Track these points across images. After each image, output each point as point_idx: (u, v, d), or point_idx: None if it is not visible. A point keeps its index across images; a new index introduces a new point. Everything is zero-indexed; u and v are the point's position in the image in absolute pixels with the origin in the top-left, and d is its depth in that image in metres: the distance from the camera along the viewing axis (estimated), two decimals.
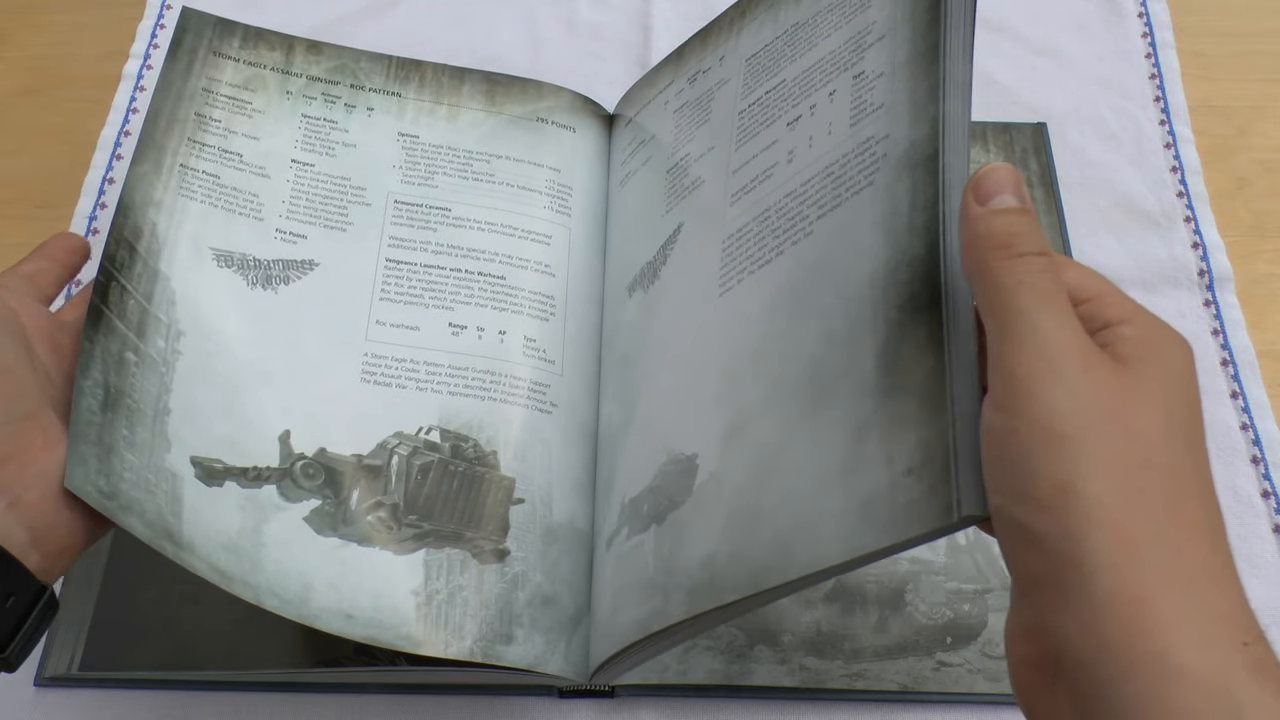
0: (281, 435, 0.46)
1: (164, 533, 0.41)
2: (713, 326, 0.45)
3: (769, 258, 0.44)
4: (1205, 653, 0.27)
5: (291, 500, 0.45)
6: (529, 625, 0.45)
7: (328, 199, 0.53)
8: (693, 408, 0.45)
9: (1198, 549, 0.29)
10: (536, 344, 0.51)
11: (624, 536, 0.46)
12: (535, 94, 0.58)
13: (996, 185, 0.34)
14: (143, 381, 0.44)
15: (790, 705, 0.50)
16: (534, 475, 0.48)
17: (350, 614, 0.43)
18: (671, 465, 0.44)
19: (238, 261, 0.49)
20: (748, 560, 0.38)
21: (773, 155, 0.46)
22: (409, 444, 0.48)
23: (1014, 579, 0.31)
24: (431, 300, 0.51)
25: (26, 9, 0.73)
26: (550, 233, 0.54)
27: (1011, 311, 0.31)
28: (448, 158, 0.55)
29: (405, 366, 0.50)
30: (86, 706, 0.49)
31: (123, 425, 0.42)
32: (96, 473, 0.40)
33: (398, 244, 0.52)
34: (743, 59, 0.51)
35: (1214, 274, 0.61)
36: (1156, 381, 0.31)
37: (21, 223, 0.64)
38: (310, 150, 0.53)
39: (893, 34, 0.41)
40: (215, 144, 0.51)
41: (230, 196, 0.51)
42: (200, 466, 0.44)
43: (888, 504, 0.34)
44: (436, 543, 0.46)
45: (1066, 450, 0.29)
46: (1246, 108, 0.69)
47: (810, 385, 0.39)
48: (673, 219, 0.51)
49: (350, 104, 0.55)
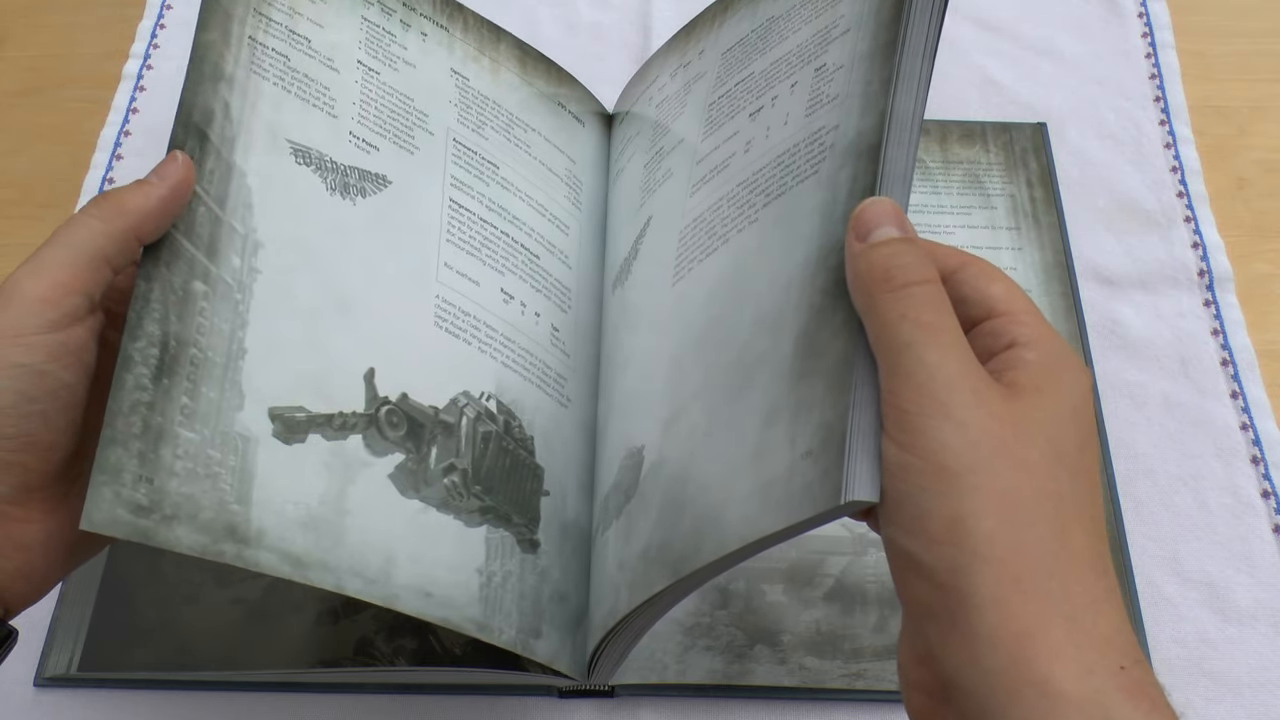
0: (367, 374, 0.42)
1: (224, 530, 0.36)
2: (665, 317, 0.46)
3: (716, 246, 0.44)
4: (1085, 679, 0.28)
5: (377, 454, 0.41)
6: (549, 621, 0.44)
7: (395, 114, 0.48)
8: (645, 400, 0.45)
9: (1082, 578, 0.29)
10: (560, 334, 0.50)
11: (600, 533, 0.46)
12: (557, 78, 0.58)
13: (875, 218, 0.34)
14: (214, 318, 0.39)
15: (790, 705, 0.50)
16: (556, 469, 0.47)
17: (429, 591, 0.40)
18: (628, 459, 0.45)
19: (316, 160, 0.44)
20: (672, 549, 0.39)
21: (732, 146, 0.46)
22: (475, 407, 0.44)
23: (905, 607, 0.32)
24: (488, 258, 0.48)
25: (26, 9, 0.73)
26: (569, 222, 0.54)
27: (896, 347, 0.31)
28: (494, 112, 0.53)
29: (470, 321, 0.46)
30: (86, 706, 0.49)
31: (183, 392, 0.37)
32: (133, 485, 0.35)
33: (459, 186, 0.49)
34: (720, 52, 0.51)
35: (1214, 274, 0.61)
36: (1047, 411, 0.31)
37: (23, 223, 0.64)
38: (374, 56, 0.49)
39: (857, 28, 0.41)
40: (282, 21, 0.46)
41: (304, 84, 0.46)
42: (280, 420, 0.39)
43: (785, 487, 0.34)
44: (495, 521, 0.43)
45: (956, 485, 0.29)
46: (1246, 108, 0.69)
47: (737, 369, 0.39)
48: (645, 212, 0.51)
49: (405, 22, 0.51)
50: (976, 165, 0.64)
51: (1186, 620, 0.52)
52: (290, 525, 0.38)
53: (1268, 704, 0.50)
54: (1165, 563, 0.53)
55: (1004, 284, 0.34)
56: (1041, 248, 0.61)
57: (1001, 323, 0.33)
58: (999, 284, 0.34)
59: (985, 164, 0.64)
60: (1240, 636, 0.52)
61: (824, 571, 0.51)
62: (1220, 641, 0.51)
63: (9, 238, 0.63)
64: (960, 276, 0.34)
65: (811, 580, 0.51)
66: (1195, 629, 0.52)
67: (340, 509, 0.39)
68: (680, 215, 0.48)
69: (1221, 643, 0.51)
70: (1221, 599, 0.52)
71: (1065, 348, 0.33)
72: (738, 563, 0.36)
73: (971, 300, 0.34)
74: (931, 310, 0.32)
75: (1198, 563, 0.53)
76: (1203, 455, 0.56)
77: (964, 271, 0.34)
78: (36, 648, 0.50)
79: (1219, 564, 0.53)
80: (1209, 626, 0.52)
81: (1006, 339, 0.33)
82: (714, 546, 0.36)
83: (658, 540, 0.40)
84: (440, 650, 0.46)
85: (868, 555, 0.52)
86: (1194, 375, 0.59)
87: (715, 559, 0.36)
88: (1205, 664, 0.51)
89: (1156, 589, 0.53)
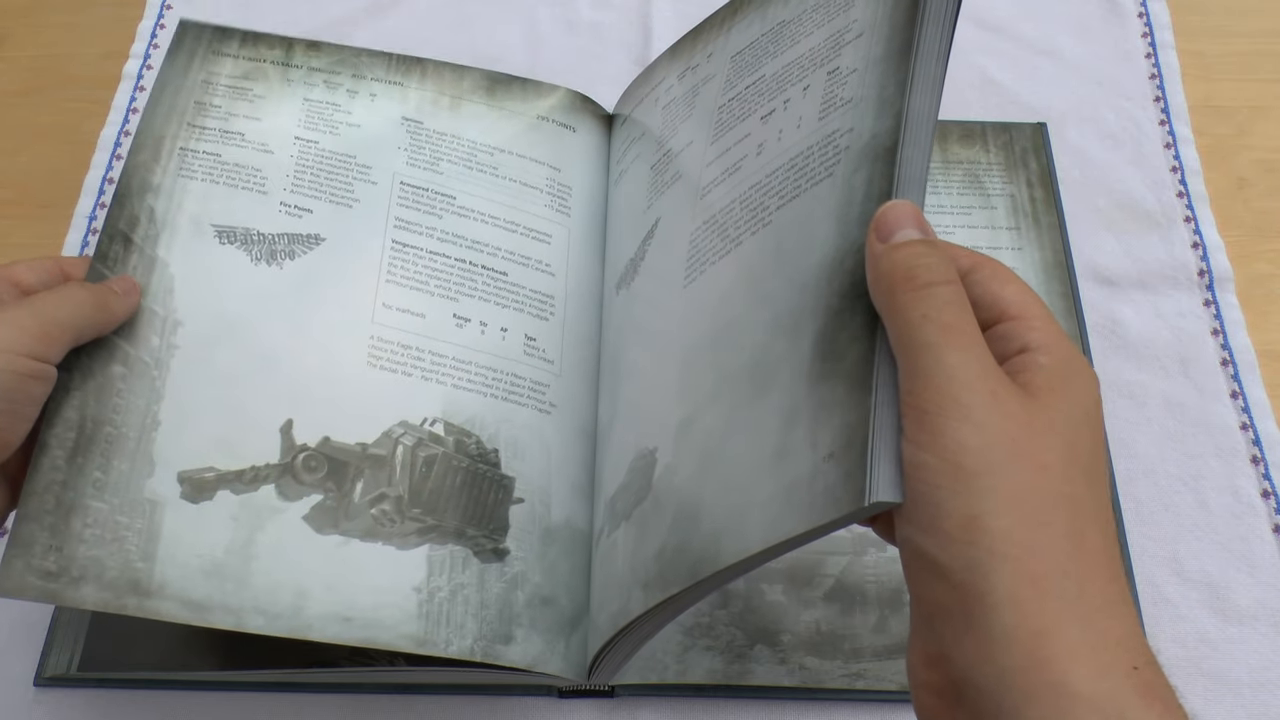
0: (284, 426, 0.45)
1: (128, 586, 0.40)
2: (677, 319, 0.46)
3: (729, 248, 0.44)
4: (1100, 680, 0.28)
5: (290, 499, 0.44)
6: (528, 625, 0.45)
7: (333, 174, 0.52)
8: (658, 401, 0.45)
9: (1096, 579, 0.30)
10: (536, 343, 0.51)
11: (605, 534, 0.46)
12: (535, 93, 0.58)
13: (897, 220, 0.34)
14: (130, 397, 0.43)
15: (790, 705, 0.50)
16: (533, 475, 0.48)
17: (348, 616, 0.42)
18: (639, 461, 0.45)
19: (241, 236, 0.48)
20: (689, 551, 0.39)
21: (744, 148, 0.46)
22: (414, 434, 0.47)
23: (917, 606, 0.32)
24: (437, 289, 0.50)
25: (26, 9, 0.73)
26: (550, 231, 0.54)
27: (917, 347, 0.31)
28: (452, 145, 0.55)
29: (411, 354, 0.48)
30: (86, 706, 0.49)
31: (95, 467, 0.42)
32: (43, 555, 0.40)
33: (404, 226, 0.51)
34: (729, 55, 0.51)
35: (1214, 274, 0.61)
36: (1062, 414, 0.31)
37: (23, 223, 0.64)
38: (313, 129, 0.53)
39: (871, 31, 0.41)
40: (216, 126, 0.51)
41: (232, 173, 0.50)
42: (188, 482, 0.43)
43: (808, 489, 0.34)
44: (439, 539, 0.45)
45: (974, 485, 0.30)
46: (1246, 108, 0.69)
47: (754, 373, 0.39)
48: (652, 214, 0.51)
49: (353, 90, 0.55)
50: (976, 165, 0.64)
51: (1186, 620, 0.52)
52: (193, 575, 0.41)
53: (1268, 704, 0.50)
54: (1165, 563, 0.53)
55: (1016, 286, 0.34)
56: (1041, 248, 0.61)
57: (1014, 326, 0.33)
58: (1011, 286, 0.34)
59: (985, 164, 0.64)
60: (1240, 636, 0.52)
61: (824, 571, 0.51)
62: (1220, 641, 0.51)
63: (9, 238, 0.63)
64: (973, 278, 0.34)
65: (811, 580, 0.51)
66: (1195, 629, 0.52)
67: (247, 555, 0.42)
68: (690, 217, 0.48)
69: (1221, 643, 0.51)
70: (1221, 599, 0.52)
71: (1076, 353, 0.33)
72: (759, 565, 0.36)
73: (983, 303, 0.34)
74: (953, 311, 0.32)
75: (1198, 563, 0.53)
76: (1203, 455, 0.56)
77: (977, 273, 0.34)
78: (36, 648, 0.50)
79: (1219, 564, 0.53)
80: (1209, 626, 0.52)
81: (1019, 343, 0.33)
82: (735, 549, 0.36)
83: (674, 542, 0.40)
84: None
85: (867, 555, 0.52)
86: (1194, 375, 0.59)
87: (736, 561, 0.36)
88: (1205, 664, 0.51)
89: (1156, 589, 0.53)
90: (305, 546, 0.44)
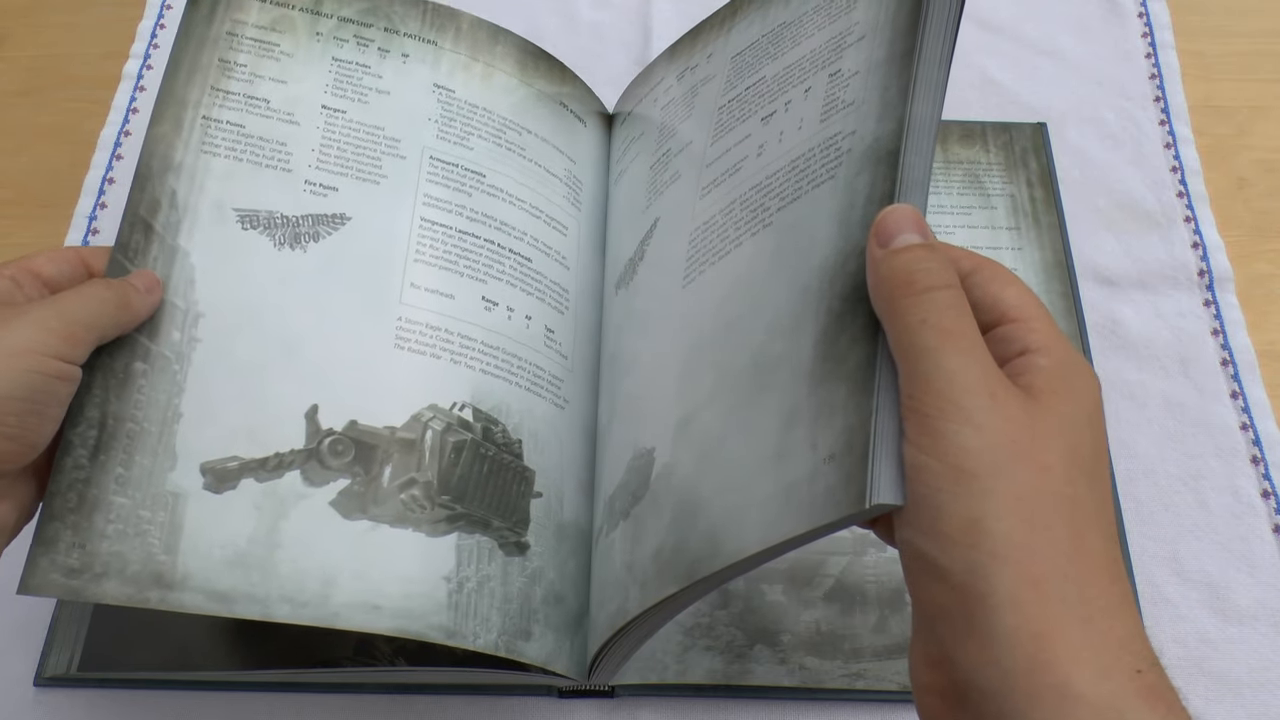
0: (308, 411, 0.44)
1: (151, 580, 0.40)
2: (676, 319, 0.46)
3: (729, 249, 0.44)
4: (1102, 682, 0.28)
5: (316, 484, 0.43)
6: (543, 623, 0.44)
7: (360, 148, 0.50)
8: (656, 401, 0.45)
9: (1098, 582, 0.30)
10: (555, 336, 0.50)
11: (604, 533, 0.46)
12: (560, 76, 0.57)
13: (897, 225, 0.34)
14: (151, 392, 0.42)
15: (790, 705, 0.50)
16: (550, 470, 0.47)
17: (377, 604, 0.41)
18: (636, 460, 0.45)
19: (264, 221, 0.47)
20: (686, 551, 0.39)
21: (744, 149, 0.46)
22: (443, 419, 0.45)
23: (918, 609, 0.32)
24: (466, 269, 0.49)
25: (26, 9, 0.73)
26: (567, 223, 0.54)
27: (917, 351, 0.32)
28: (483, 120, 0.53)
29: (439, 335, 0.47)
30: (86, 706, 0.49)
31: (118, 463, 0.41)
32: (67, 552, 0.39)
33: (433, 203, 0.50)
34: (729, 56, 0.51)
35: (1214, 274, 0.61)
36: (1063, 416, 0.31)
37: (23, 222, 0.64)
38: (341, 96, 0.51)
39: (873, 35, 0.41)
40: (240, 90, 0.49)
41: (257, 148, 0.48)
42: (211, 473, 0.42)
43: (807, 490, 0.34)
44: (468, 528, 0.44)
45: (975, 487, 0.30)
46: (1246, 108, 0.69)
47: (752, 373, 0.39)
48: (651, 214, 0.51)
49: (384, 48, 0.52)
50: (976, 165, 0.64)
51: (1186, 620, 0.52)
52: (216, 566, 0.41)
53: (1268, 704, 0.50)
54: (1165, 563, 0.53)
55: (1017, 288, 0.34)
56: (1041, 248, 0.61)
57: (1014, 329, 0.33)
58: (1012, 288, 0.34)
59: (985, 164, 0.64)
60: (1240, 636, 0.52)
61: (824, 571, 0.51)
62: (1220, 641, 0.51)
63: (9, 238, 0.63)
64: (973, 280, 0.34)
65: (811, 580, 0.51)
66: (1195, 629, 0.52)
67: (271, 543, 0.42)
68: (690, 218, 0.48)
69: (1221, 643, 0.51)
70: (1221, 599, 0.52)
71: (1077, 355, 0.33)
72: (756, 566, 0.36)
73: (984, 305, 0.34)
74: (952, 316, 0.32)
75: (1198, 563, 0.53)
76: (1203, 455, 0.56)
77: (977, 275, 0.34)
78: (36, 648, 0.50)
79: (1219, 564, 0.53)
80: (1209, 626, 0.52)
81: (1019, 346, 0.33)
82: (733, 549, 0.36)
83: (671, 542, 0.40)
84: (441, 650, 0.46)
85: (867, 555, 0.52)
86: (1194, 375, 0.59)
87: (734, 561, 0.36)
88: (1205, 664, 0.51)
89: (1156, 589, 0.53)
90: (332, 532, 0.42)
